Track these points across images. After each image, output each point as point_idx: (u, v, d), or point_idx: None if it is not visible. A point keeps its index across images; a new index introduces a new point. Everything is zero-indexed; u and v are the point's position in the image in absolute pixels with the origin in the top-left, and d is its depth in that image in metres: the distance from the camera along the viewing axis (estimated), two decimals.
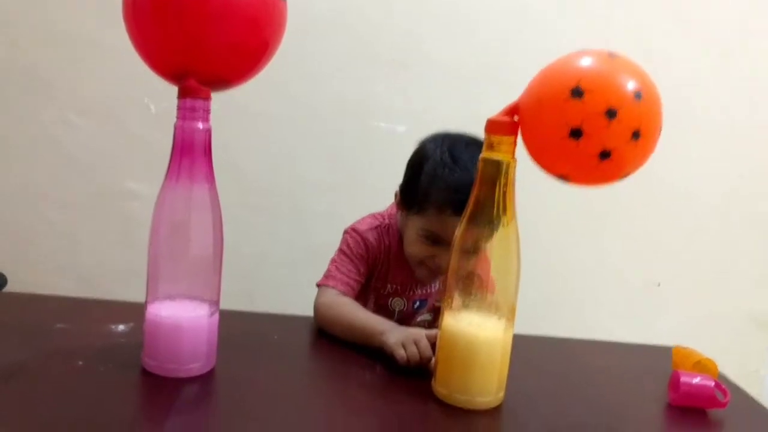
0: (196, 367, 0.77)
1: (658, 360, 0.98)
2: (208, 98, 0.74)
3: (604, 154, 0.69)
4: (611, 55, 0.72)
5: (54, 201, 1.59)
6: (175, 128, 0.74)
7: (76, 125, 1.56)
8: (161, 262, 0.77)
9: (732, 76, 1.69)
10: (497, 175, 0.74)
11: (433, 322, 1.20)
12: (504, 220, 0.76)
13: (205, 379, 0.76)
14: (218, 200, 0.77)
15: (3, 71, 1.55)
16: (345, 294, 1.07)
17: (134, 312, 0.84)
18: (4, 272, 1.55)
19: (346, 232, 1.15)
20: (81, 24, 1.53)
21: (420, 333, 0.90)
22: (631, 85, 0.69)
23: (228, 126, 1.58)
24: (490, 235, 0.76)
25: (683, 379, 0.83)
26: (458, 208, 0.91)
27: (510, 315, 0.78)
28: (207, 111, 0.74)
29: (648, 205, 1.70)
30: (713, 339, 1.68)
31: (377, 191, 1.19)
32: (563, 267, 1.72)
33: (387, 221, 1.17)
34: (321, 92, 1.60)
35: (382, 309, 1.16)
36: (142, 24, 0.72)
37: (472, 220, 0.77)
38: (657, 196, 1.70)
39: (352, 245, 1.13)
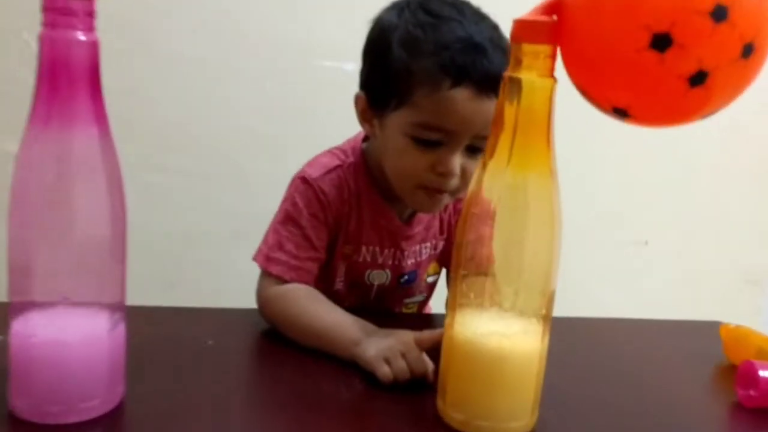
0: (93, 406, 0.52)
1: (702, 340, 0.79)
2: None
3: (699, 78, 0.46)
4: None
5: None
6: (41, 41, 0.48)
7: None
8: (30, 252, 0.50)
9: None
10: (529, 102, 0.51)
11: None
12: (537, 171, 0.52)
13: (110, 422, 0.51)
14: (115, 153, 0.51)
15: None
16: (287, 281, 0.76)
17: None
18: None
19: (293, 181, 0.81)
20: None
21: (408, 341, 0.64)
22: None
23: (138, 68, 1.28)
24: (516, 193, 0.52)
25: (762, 373, 0.63)
26: (465, 75, 0.69)
27: (547, 310, 0.55)
28: (91, 15, 0.48)
29: (636, 157, 1.53)
30: (703, 297, 1.56)
31: (327, 139, 0.91)
32: None
33: (351, 158, 0.83)
34: (251, 28, 1.32)
35: (355, 285, 0.86)
36: None
37: (490, 169, 0.53)
38: (643, 150, 1.52)
39: (302, 205, 0.79)
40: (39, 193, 0.49)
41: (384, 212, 0.83)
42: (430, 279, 0.92)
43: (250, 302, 0.76)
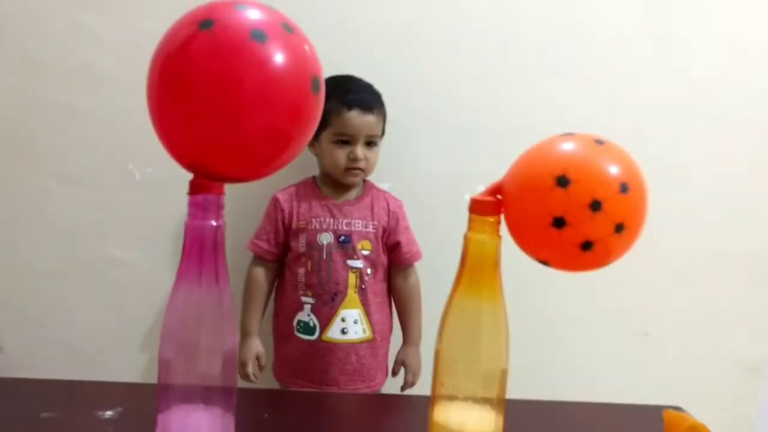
0: None
1: (650, 421, 0.97)
2: (221, 194, 0.69)
3: (587, 245, 0.70)
4: (598, 142, 0.72)
5: (39, 271, 1.58)
6: (187, 226, 0.69)
7: (58, 193, 1.55)
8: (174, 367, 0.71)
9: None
10: (481, 252, 0.75)
11: (373, 275, 1.50)
12: (491, 302, 0.76)
13: None
14: (230, 298, 0.73)
15: None
16: (261, 258, 1.50)
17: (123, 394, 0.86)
18: None
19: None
20: (60, 90, 1.53)
21: (246, 359, 1.47)
22: (617, 177, 0.69)
23: None
24: (478, 316, 0.76)
25: None
26: (354, 104, 1.45)
27: (499, 399, 0.77)
28: (219, 207, 0.70)
29: (635, 254, 1.71)
30: (703, 385, 1.71)
31: None
32: (550, 317, 1.72)
33: (306, 181, 1.55)
34: None
35: (312, 247, 1.47)
36: (167, 118, 0.66)
37: (454, 298, 0.76)
38: (643, 245, 1.71)
39: (268, 208, 1.52)
40: (184, 326, 0.70)
41: (324, 197, 1.51)
42: (365, 252, 1.49)
43: None
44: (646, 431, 0.94)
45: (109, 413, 0.88)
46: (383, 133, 1.54)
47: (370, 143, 1.48)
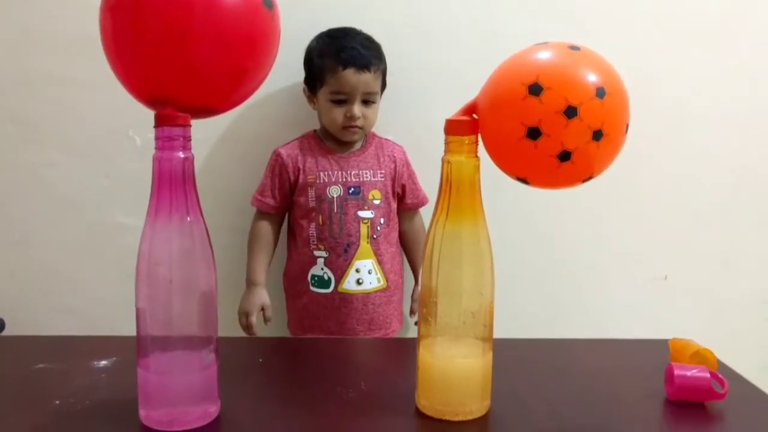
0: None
1: (656, 354, 0.94)
2: (187, 125, 0.68)
3: (564, 155, 0.66)
4: (573, 48, 0.69)
5: (47, 241, 1.60)
6: (155, 159, 0.68)
7: (62, 164, 1.56)
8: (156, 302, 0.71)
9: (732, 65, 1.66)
10: (459, 175, 0.72)
11: (385, 224, 1.50)
12: (472, 226, 0.73)
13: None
14: (203, 229, 0.71)
15: None
16: (266, 213, 1.50)
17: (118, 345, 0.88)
18: (3, 317, 1.56)
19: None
20: (57, 61, 1.53)
21: (252, 308, 1.47)
22: (592, 82, 0.66)
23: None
24: (459, 242, 0.73)
25: (677, 372, 0.80)
26: (349, 63, 1.42)
27: (487, 334, 0.75)
28: (187, 139, 0.68)
29: (651, 197, 1.67)
30: (724, 329, 1.66)
31: None
32: (569, 265, 1.69)
33: (307, 135, 1.54)
34: None
35: (321, 200, 1.47)
36: (120, 48, 0.67)
37: (435, 223, 0.73)
38: (659, 188, 1.67)
39: (270, 163, 1.51)
40: (161, 259, 0.70)
41: (329, 151, 1.50)
42: (376, 201, 1.50)
43: None
44: (652, 363, 0.90)
45: (103, 362, 0.88)
46: (385, 86, 1.51)
47: (368, 101, 1.47)
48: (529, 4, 1.60)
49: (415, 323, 1.55)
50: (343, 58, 1.42)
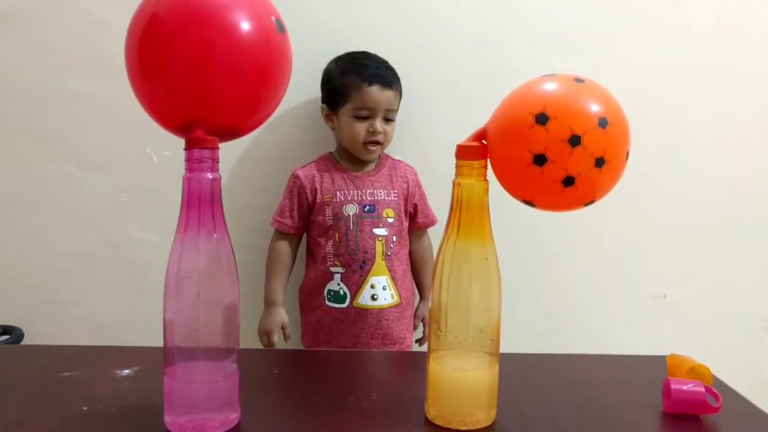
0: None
1: (654, 369, 0.98)
2: (215, 148, 0.73)
3: (568, 181, 0.71)
4: (577, 80, 0.74)
5: (64, 254, 1.64)
6: (185, 180, 0.73)
7: (80, 179, 1.61)
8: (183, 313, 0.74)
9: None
10: (468, 197, 0.76)
11: (398, 242, 1.55)
12: (481, 245, 0.77)
13: None
14: (228, 245, 0.75)
15: (3, 129, 1.61)
16: (285, 233, 1.55)
17: (141, 355, 0.92)
18: (21, 327, 1.60)
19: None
20: (78, 80, 1.59)
21: (273, 327, 1.53)
22: (595, 112, 0.70)
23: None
24: (468, 260, 0.77)
25: (674, 386, 0.84)
26: (375, 80, 1.49)
27: (494, 349, 0.79)
28: (215, 161, 0.74)
29: (650, 216, 1.72)
30: (723, 346, 1.69)
31: None
32: (571, 283, 1.73)
33: (324, 157, 1.60)
34: None
35: (338, 218, 1.52)
36: (147, 77, 0.72)
37: (445, 242, 0.78)
38: (659, 207, 1.71)
39: (289, 185, 1.56)
40: (190, 273, 0.73)
41: (345, 171, 1.56)
42: (390, 219, 1.55)
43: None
44: (650, 378, 0.94)
45: (126, 371, 0.92)
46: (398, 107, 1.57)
47: (388, 119, 1.53)
48: (536, 26, 1.66)
49: (416, 341, 1.60)
50: (368, 75, 1.49)
